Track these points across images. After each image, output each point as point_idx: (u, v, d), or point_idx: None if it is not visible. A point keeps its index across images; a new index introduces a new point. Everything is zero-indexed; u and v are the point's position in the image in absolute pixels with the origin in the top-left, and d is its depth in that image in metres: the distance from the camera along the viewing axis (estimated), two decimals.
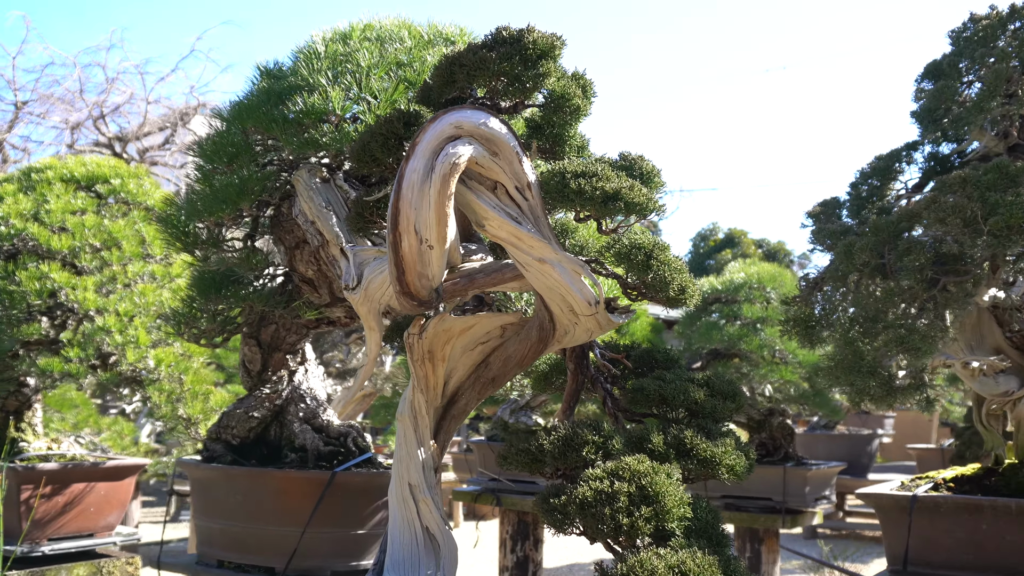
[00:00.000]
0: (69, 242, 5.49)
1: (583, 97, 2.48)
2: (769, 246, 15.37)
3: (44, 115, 23.27)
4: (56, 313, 5.59)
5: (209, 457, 4.49)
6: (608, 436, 2.43)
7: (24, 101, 22.88)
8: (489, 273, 2.65)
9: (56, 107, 23.25)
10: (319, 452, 4.41)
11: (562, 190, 2.36)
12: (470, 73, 2.32)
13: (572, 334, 2.58)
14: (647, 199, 2.38)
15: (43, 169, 5.97)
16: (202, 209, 3.59)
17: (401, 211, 2.22)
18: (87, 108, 22.32)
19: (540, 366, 3.17)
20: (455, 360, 2.84)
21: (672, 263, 2.48)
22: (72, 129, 22.84)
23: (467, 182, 2.38)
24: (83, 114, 22.48)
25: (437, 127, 2.26)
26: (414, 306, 2.34)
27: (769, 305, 9.34)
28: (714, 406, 2.63)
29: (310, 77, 3.57)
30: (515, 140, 2.36)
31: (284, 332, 4.55)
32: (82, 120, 22.68)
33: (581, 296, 2.41)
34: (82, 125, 22.83)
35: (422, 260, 2.27)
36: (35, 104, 23.06)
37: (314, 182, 3.45)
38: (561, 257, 2.39)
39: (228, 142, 3.68)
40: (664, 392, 2.64)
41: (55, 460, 5.79)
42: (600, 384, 2.86)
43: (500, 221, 2.36)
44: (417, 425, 2.83)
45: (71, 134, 22.83)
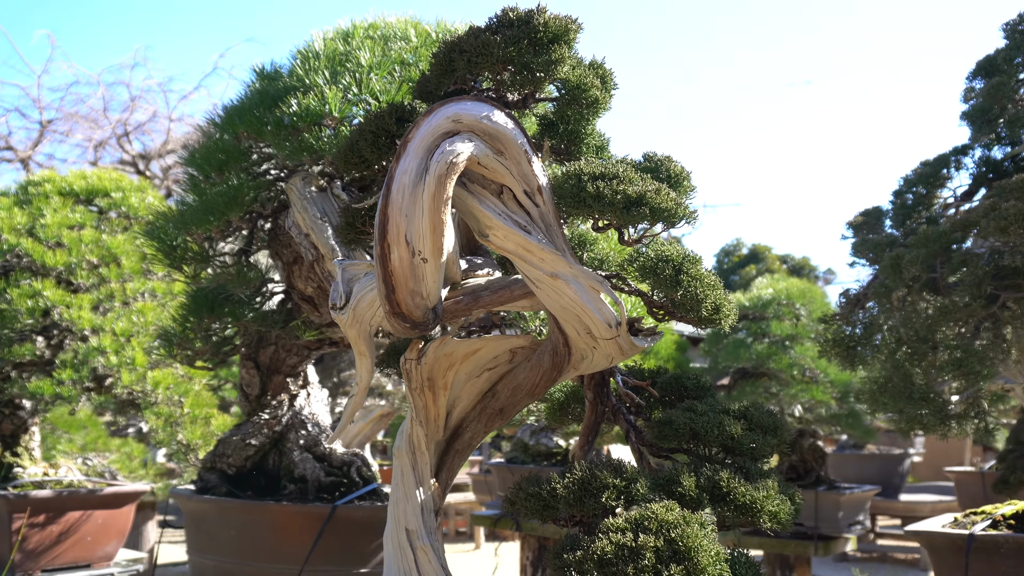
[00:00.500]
0: (65, 258, 5.23)
1: (602, 88, 2.16)
2: (794, 262, 15.04)
3: (68, 133, 23.34)
4: (53, 333, 5.33)
5: (203, 488, 4.20)
6: (631, 479, 2.10)
7: (49, 119, 22.97)
8: (496, 290, 2.34)
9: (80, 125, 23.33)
10: (320, 483, 4.10)
11: (578, 194, 2.04)
12: (471, 60, 2.01)
13: (590, 360, 2.26)
14: (675, 204, 2.06)
15: (41, 182, 5.73)
16: (189, 221, 3.30)
17: (390, 219, 1.91)
18: (111, 126, 22.34)
19: (555, 394, 2.84)
20: (458, 388, 2.52)
21: (704, 278, 2.15)
22: (96, 147, 22.88)
23: (468, 185, 2.07)
24: (107, 132, 22.49)
25: (432, 121, 1.95)
26: (406, 328, 2.02)
27: (799, 322, 8.98)
28: (753, 442, 2.29)
29: (306, 77, 3.28)
30: (523, 137, 2.05)
31: (284, 354, 4.26)
32: (106, 138, 22.70)
33: (600, 316, 2.09)
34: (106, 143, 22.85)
35: (414, 275, 1.96)
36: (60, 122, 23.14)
37: (309, 191, 3.16)
38: (576, 272, 2.07)
39: (219, 149, 3.40)
40: (696, 426, 2.31)
41: (50, 487, 5.52)
42: (622, 415, 2.53)
43: (506, 230, 2.04)
44: (416, 462, 2.51)
45: (94, 152, 22.87)
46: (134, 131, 23.24)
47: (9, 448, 5.81)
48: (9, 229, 5.23)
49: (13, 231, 5.24)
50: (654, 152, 2.34)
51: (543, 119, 2.32)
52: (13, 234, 5.21)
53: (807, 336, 8.86)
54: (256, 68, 3.65)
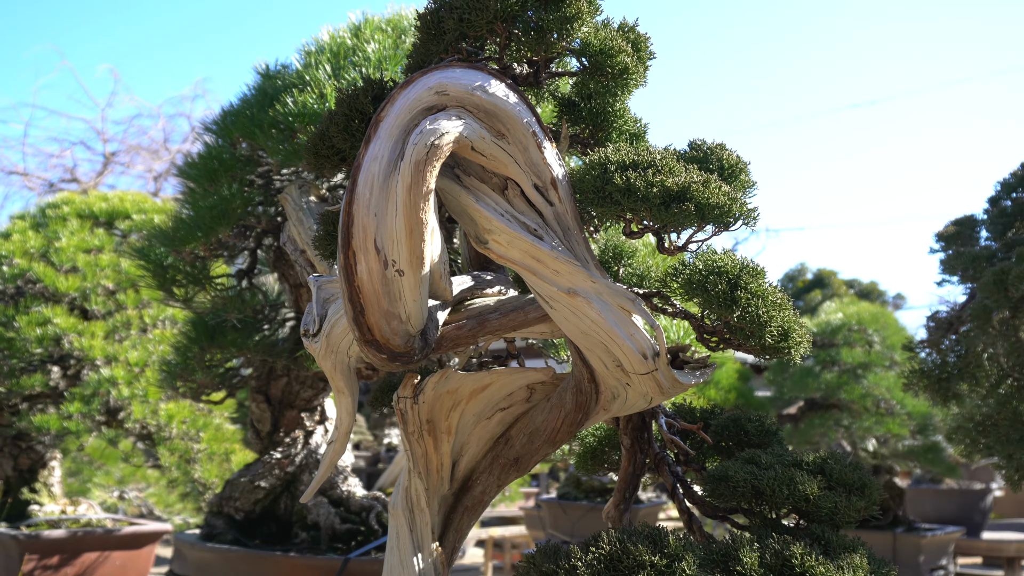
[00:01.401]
0: (79, 283, 4.93)
1: (634, 56, 1.70)
2: (861, 286, 14.43)
3: (129, 164, 23.72)
4: (69, 362, 5.03)
5: (209, 534, 3.79)
6: (675, 555, 1.61)
7: (112, 152, 23.38)
8: (506, 312, 1.88)
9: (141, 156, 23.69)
10: (334, 531, 3.66)
11: (603, 188, 1.58)
12: (463, 18, 1.57)
13: (623, 399, 1.78)
14: (729, 200, 1.59)
15: (60, 204, 5.47)
16: (177, 238, 2.92)
17: (355, 219, 1.47)
18: (170, 157, 22.59)
19: (587, 438, 2.36)
20: (465, 433, 2.06)
21: (768, 295, 1.67)
22: (156, 178, 23.18)
23: (463, 178, 1.63)
24: (167, 163, 22.76)
25: (410, 94, 1.51)
26: (383, 360, 1.58)
27: (871, 349, 8.34)
28: (834, 505, 1.78)
29: (305, 73, 2.89)
30: (530, 115, 1.60)
31: (297, 386, 3.85)
32: (166, 169, 22.96)
33: (631, 345, 1.62)
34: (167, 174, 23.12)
35: (389, 292, 1.51)
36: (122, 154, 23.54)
37: (306, 202, 2.75)
38: (600, 287, 1.61)
39: (212, 157, 3.03)
40: (759, 483, 1.81)
41: (66, 526, 5.20)
42: (667, 466, 2.04)
43: (510, 235, 1.59)
44: (414, 522, 2.05)
45: (155, 183, 23.15)
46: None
47: (27, 484, 5.51)
48: (21, 253, 4.95)
49: (25, 255, 4.96)
50: (702, 139, 1.87)
51: (562, 101, 1.87)
52: (25, 258, 4.93)
53: (881, 364, 8.21)
54: (259, 68, 3.27)
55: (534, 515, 10.54)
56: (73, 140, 22.85)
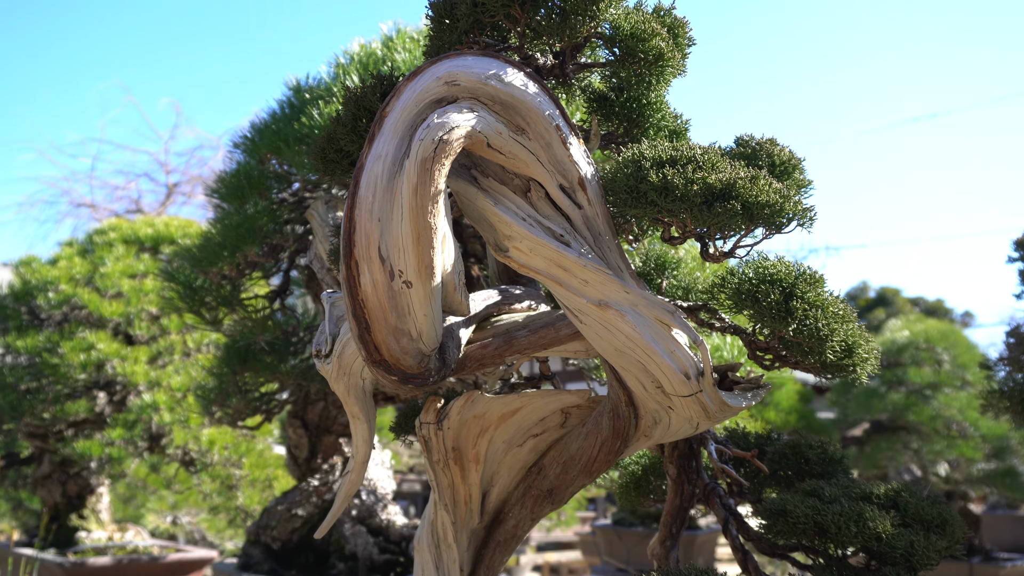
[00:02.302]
0: (123, 308, 4.90)
1: (670, 41, 1.53)
2: (927, 304, 13.96)
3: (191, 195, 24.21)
4: (115, 388, 5.00)
5: (246, 564, 3.67)
6: None
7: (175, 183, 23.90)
8: (535, 329, 1.71)
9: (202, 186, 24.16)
10: (372, 561, 3.51)
11: (636, 186, 1.41)
12: (476, 2, 1.42)
13: (665, 424, 1.59)
14: (781, 198, 1.40)
15: (107, 230, 5.47)
16: (205, 258, 2.82)
17: (357, 225, 1.32)
18: None
19: (631, 466, 2.17)
20: (495, 461, 1.89)
21: (828, 306, 1.47)
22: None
23: (480, 180, 1.47)
24: None
25: (417, 85, 1.36)
26: (394, 382, 1.42)
27: (941, 368, 7.95)
28: (910, 544, 1.56)
29: (333, 85, 2.78)
30: (553, 107, 1.43)
31: (335, 411, 3.72)
32: None
33: (672, 364, 1.43)
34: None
35: (396, 306, 1.35)
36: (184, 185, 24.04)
37: (332, 217, 2.62)
38: (636, 298, 1.43)
39: (240, 174, 2.93)
40: (822, 518, 1.60)
41: (112, 553, 5.15)
42: (718, 499, 1.84)
43: (534, 241, 1.42)
44: (440, 558, 1.88)
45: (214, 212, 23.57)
46: None
47: (75, 510, 5.49)
48: (67, 279, 4.94)
49: (71, 281, 4.95)
50: (750, 134, 1.68)
51: (594, 96, 1.70)
52: (71, 284, 4.92)
53: (951, 384, 7.82)
54: (289, 83, 3.17)
55: (589, 540, 10.27)
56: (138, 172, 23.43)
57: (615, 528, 7.52)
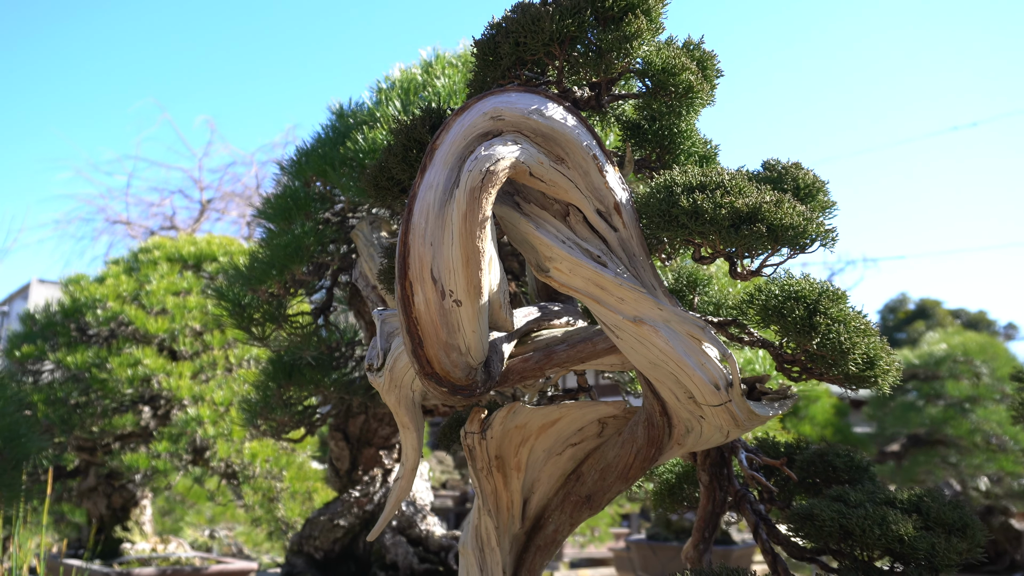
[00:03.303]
0: (168, 325, 5.07)
1: (699, 74, 1.63)
2: (968, 316, 13.83)
3: (224, 211, 24.57)
4: (159, 402, 5.16)
5: (289, 572, 3.79)
6: None
7: (208, 199, 24.27)
8: (574, 344, 1.82)
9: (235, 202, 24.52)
10: (413, 571, 3.61)
11: (668, 210, 1.51)
12: (518, 41, 1.54)
13: (697, 433, 1.69)
14: (804, 220, 1.50)
15: (151, 249, 5.66)
16: (254, 277, 2.96)
17: (411, 248, 1.44)
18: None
19: (664, 474, 2.26)
20: (536, 469, 2.00)
21: (850, 321, 1.56)
22: (248, 223, 23.94)
23: (523, 205, 1.58)
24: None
25: (465, 120, 1.48)
26: (444, 393, 1.53)
27: (979, 381, 7.91)
28: (932, 546, 1.64)
29: (376, 110, 2.91)
30: (591, 137, 1.55)
31: (375, 424, 3.84)
32: None
33: (703, 376, 1.53)
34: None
35: (447, 323, 1.47)
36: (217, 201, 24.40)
37: (377, 237, 2.75)
38: (668, 315, 1.53)
39: (287, 196, 3.07)
40: (848, 522, 1.68)
41: (156, 564, 5.30)
42: (748, 504, 1.93)
43: (572, 262, 1.53)
44: (484, 561, 1.99)
45: (248, 228, 23.90)
46: None
47: (120, 522, 5.65)
48: (115, 296, 5.12)
49: (118, 298, 5.13)
50: (776, 159, 1.78)
51: (627, 124, 1.81)
52: (118, 301, 5.10)
53: (991, 397, 7.78)
54: (333, 108, 3.31)
55: (624, 556, 10.30)
56: (172, 189, 23.82)
57: (649, 543, 7.57)
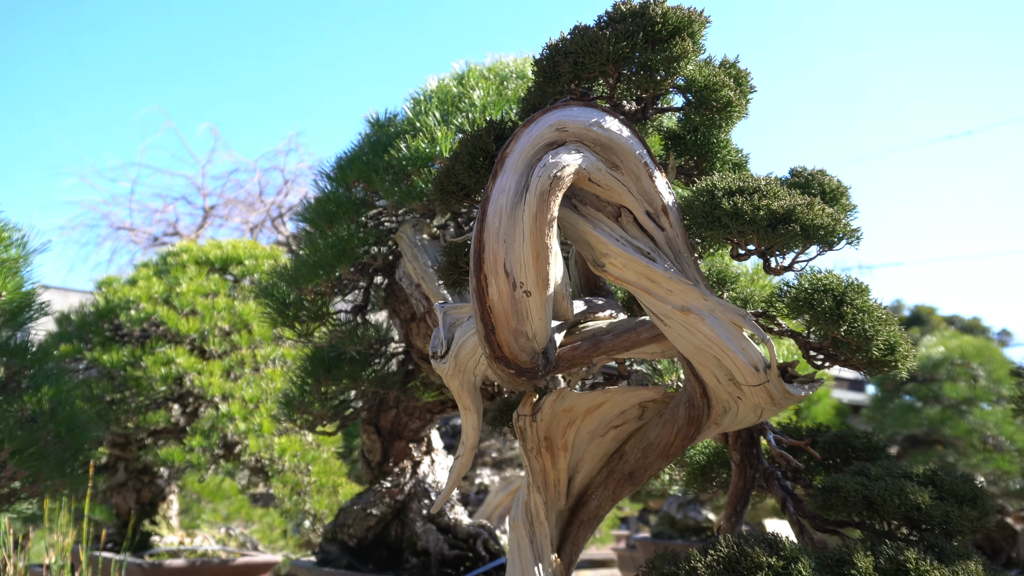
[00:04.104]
0: (198, 325, 5.25)
1: (736, 90, 1.83)
2: (963, 322, 14.02)
3: (227, 217, 24.70)
4: (188, 400, 5.34)
5: (324, 560, 3.97)
6: (791, 557, 1.69)
7: (211, 205, 24.40)
8: (619, 334, 2.01)
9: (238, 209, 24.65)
10: (443, 556, 3.80)
11: (711, 212, 1.71)
12: (577, 62, 1.73)
13: (734, 413, 1.88)
14: (833, 220, 1.69)
15: (179, 252, 5.84)
16: (300, 277, 3.15)
17: (486, 245, 1.63)
18: (265, 209, 23.47)
19: (696, 456, 2.45)
20: (581, 449, 2.18)
21: (874, 311, 1.76)
22: (252, 229, 24.10)
23: (579, 207, 1.77)
24: (262, 215, 23.63)
25: (533, 131, 1.67)
26: (511, 376, 1.72)
27: (976, 384, 8.11)
28: (946, 513, 1.83)
29: (416, 120, 3.10)
30: (642, 147, 1.74)
31: (406, 417, 4.02)
32: (261, 220, 23.86)
33: (744, 358, 1.72)
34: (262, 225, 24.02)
35: (517, 312, 1.66)
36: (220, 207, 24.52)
37: (420, 239, 2.94)
38: (713, 304, 1.72)
39: (329, 200, 3.26)
40: (870, 493, 1.87)
41: (185, 556, 5.48)
42: (776, 481, 2.12)
43: (626, 258, 1.72)
44: (534, 534, 2.17)
45: (251, 233, 24.07)
46: (287, 212, 24.40)
47: (148, 516, 5.83)
48: (147, 298, 5.31)
49: (151, 300, 5.31)
50: (802, 166, 1.97)
51: (668, 133, 2.00)
52: (151, 302, 5.28)
53: (987, 399, 7.97)
54: (370, 117, 3.51)
55: (626, 556, 10.49)
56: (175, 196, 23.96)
57: (655, 541, 7.75)
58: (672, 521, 8.16)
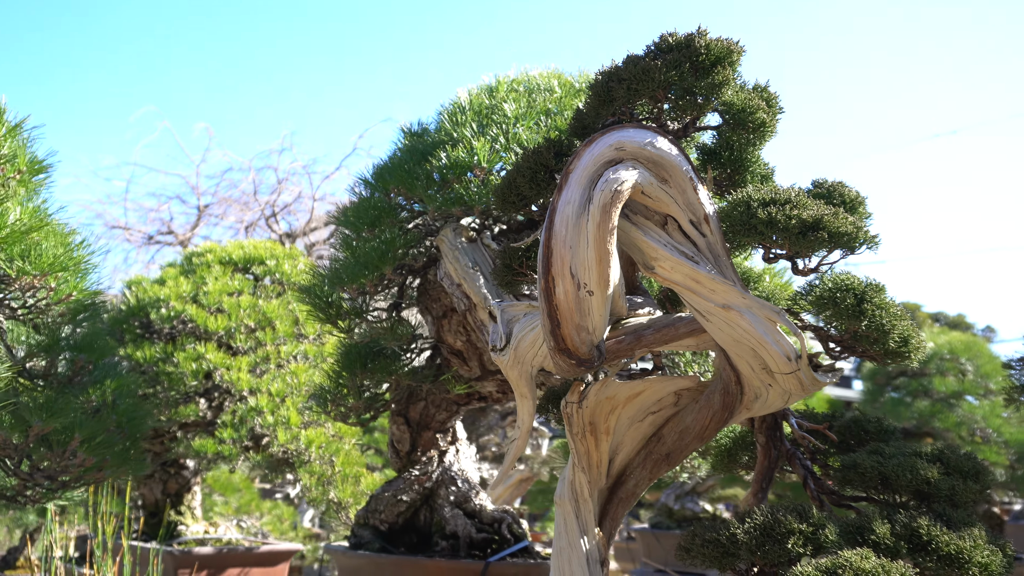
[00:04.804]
0: (225, 323, 5.47)
1: (768, 111, 2.07)
2: (948, 319, 14.25)
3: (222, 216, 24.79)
4: (214, 395, 5.55)
5: (357, 544, 4.19)
6: (819, 524, 1.93)
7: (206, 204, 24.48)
8: (658, 328, 2.25)
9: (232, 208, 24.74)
10: (471, 539, 4.03)
11: (748, 221, 1.94)
12: (631, 87, 1.96)
13: (764, 399, 2.12)
14: (855, 228, 1.93)
15: (203, 253, 6.05)
16: (344, 277, 3.37)
17: (554, 251, 1.86)
18: (260, 208, 23.62)
19: (722, 440, 2.69)
20: (621, 433, 2.42)
21: (890, 307, 2.00)
22: (246, 228, 24.21)
23: (631, 216, 2.01)
24: (256, 213, 23.77)
25: (594, 150, 1.90)
26: (572, 366, 1.96)
27: (965, 378, 8.38)
28: (952, 487, 2.08)
29: (454, 131, 3.33)
30: (688, 164, 1.98)
31: (433, 409, 4.25)
32: (255, 219, 24.00)
33: (778, 349, 1.96)
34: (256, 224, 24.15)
35: (580, 309, 1.89)
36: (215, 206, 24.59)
37: (459, 242, 3.17)
38: (751, 302, 1.96)
39: (370, 206, 3.48)
40: (885, 469, 2.12)
41: (211, 544, 5.69)
42: (798, 460, 2.36)
43: (674, 261, 1.96)
44: (579, 510, 2.41)
45: (245, 233, 24.17)
46: (281, 211, 24.52)
47: (173, 507, 6.05)
48: (176, 297, 5.52)
49: (179, 299, 5.52)
50: (824, 178, 2.22)
51: (703, 149, 2.24)
52: (179, 301, 5.50)
53: (975, 392, 8.25)
54: (404, 128, 3.74)
55: (622, 547, 10.76)
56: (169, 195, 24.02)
57: (653, 531, 8.00)
58: (670, 512, 8.39)
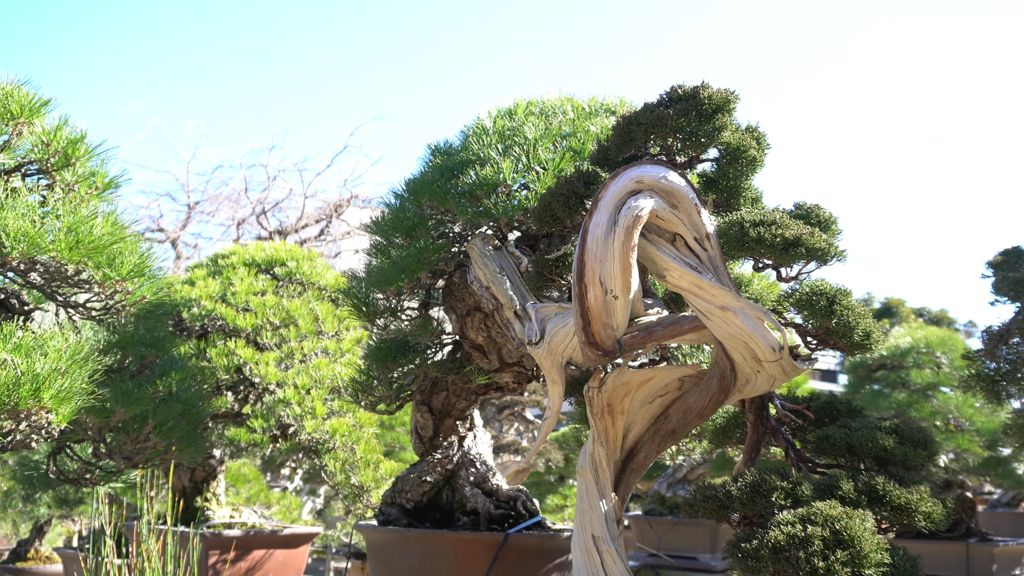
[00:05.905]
0: (252, 321, 5.91)
1: (758, 148, 2.55)
2: (931, 314, 14.65)
3: (213, 213, 25.08)
4: (240, 388, 5.99)
5: (385, 521, 4.65)
6: (797, 482, 2.41)
7: (196, 202, 24.74)
8: (667, 325, 2.72)
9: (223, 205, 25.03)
10: (490, 515, 4.49)
11: (741, 239, 2.41)
12: (647, 131, 2.43)
13: (754, 383, 2.60)
14: (828, 245, 2.41)
15: (228, 255, 6.49)
16: (381, 279, 3.83)
17: (586, 264, 2.33)
18: (251, 205, 23.93)
19: (717, 420, 3.17)
20: (633, 413, 2.89)
21: (855, 308, 2.47)
22: (237, 225, 24.52)
23: (647, 235, 2.47)
24: (247, 211, 24.09)
25: (619, 182, 2.37)
26: (598, 356, 2.42)
27: (940, 371, 8.86)
28: (905, 453, 2.56)
29: (480, 151, 3.79)
30: (693, 192, 2.44)
31: (454, 399, 4.72)
32: (246, 216, 24.33)
33: (765, 342, 2.44)
34: (246, 221, 24.49)
35: (607, 311, 2.36)
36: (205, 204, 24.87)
37: (487, 250, 3.63)
38: (743, 304, 2.43)
39: (404, 216, 3.93)
40: (851, 440, 2.60)
41: (238, 527, 6.13)
42: (781, 435, 2.84)
43: (681, 271, 2.43)
44: (598, 478, 2.88)
45: (236, 229, 24.49)
46: (271, 209, 24.83)
47: (200, 494, 6.49)
48: (206, 296, 5.96)
49: (210, 298, 5.96)
50: (804, 201, 2.70)
51: (703, 176, 2.72)
52: (210, 301, 5.93)
53: (949, 384, 8.73)
54: (432, 146, 4.20)
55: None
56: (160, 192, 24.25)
57: (646, 517, 8.47)
58: (662, 499, 8.84)
